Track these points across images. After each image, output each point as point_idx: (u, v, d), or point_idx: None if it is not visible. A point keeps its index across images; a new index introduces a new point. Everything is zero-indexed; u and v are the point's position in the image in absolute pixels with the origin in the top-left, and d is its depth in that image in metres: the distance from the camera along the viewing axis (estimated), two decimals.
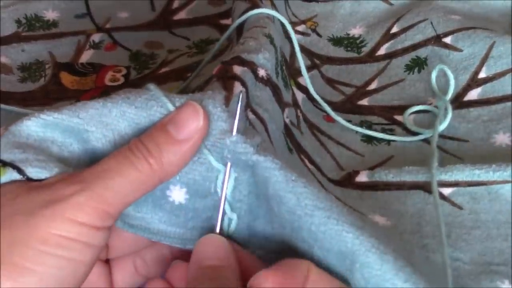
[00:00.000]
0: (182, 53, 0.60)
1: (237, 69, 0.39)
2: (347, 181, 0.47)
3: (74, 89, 0.57)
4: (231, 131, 0.34)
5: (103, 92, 0.56)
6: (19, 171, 0.32)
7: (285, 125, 0.46)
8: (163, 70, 0.59)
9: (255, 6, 0.48)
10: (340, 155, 0.50)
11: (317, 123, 0.53)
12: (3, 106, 0.53)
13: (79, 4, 0.66)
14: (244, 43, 0.42)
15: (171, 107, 0.34)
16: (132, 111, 0.34)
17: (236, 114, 0.35)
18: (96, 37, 0.63)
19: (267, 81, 0.41)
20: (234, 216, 0.35)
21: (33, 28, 0.63)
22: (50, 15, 0.64)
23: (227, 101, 0.35)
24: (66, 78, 0.58)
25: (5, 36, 0.62)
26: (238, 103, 0.35)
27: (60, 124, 0.34)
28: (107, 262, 0.38)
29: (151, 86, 0.35)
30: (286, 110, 0.46)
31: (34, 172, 0.32)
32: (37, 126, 0.34)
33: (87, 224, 0.30)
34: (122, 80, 0.58)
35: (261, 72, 0.40)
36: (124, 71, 0.59)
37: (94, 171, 0.31)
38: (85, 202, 0.30)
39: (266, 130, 0.39)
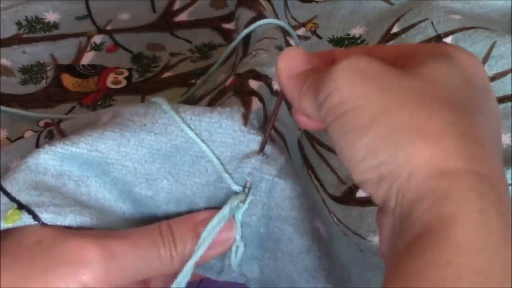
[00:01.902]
0: (185, 57, 0.60)
1: (254, 84, 0.39)
2: (347, 196, 0.46)
3: (76, 91, 0.57)
4: (256, 151, 0.35)
5: (105, 95, 0.56)
6: (34, 216, 0.32)
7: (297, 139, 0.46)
8: (166, 74, 0.58)
9: (260, 15, 0.48)
10: (340, 167, 0.49)
11: (318, 134, 0.53)
12: (4, 108, 0.53)
13: (79, 6, 0.66)
14: (256, 55, 0.41)
15: (191, 134, 0.34)
16: (152, 138, 0.34)
17: (264, 134, 0.35)
18: (97, 39, 0.63)
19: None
20: (242, 246, 0.35)
21: (34, 30, 0.63)
22: (51, 17, 0.64)
23: (245, 119, 0.35)
24: (68, 80, 0.58)
25: (5, 38, 0.62)
26: (269, 124, 0.36)
27: (79, 158, 0.34)
28: None
29: (163, 105, 0.35)
30: None
31: (48, 218, 0.32)
32: (54, 159, 0.34)
33: None
34: (124, 82, 0.58)
35: (276, 85, 0.40)
36: (126, 73, 0.59)
37: (121, 243, 0.32)
38: (103, 272, 0.31)
39: (286, 145, 0.39)
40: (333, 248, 0.36)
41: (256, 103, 0.37)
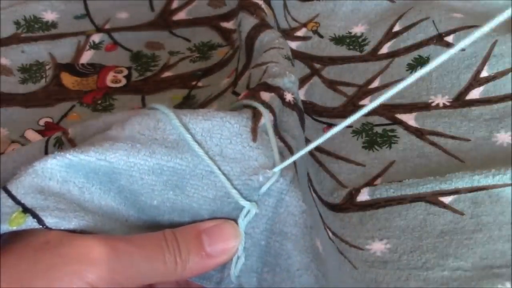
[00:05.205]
0: (184, 56, 0.60)
1: (265, 96, 0.38)
2: (348, 202, 0.46)
3: (75, 90, 0.57)
4: (265, 166, 0.34)
5: (105, 93, 0.56)
6: (39, 220, 0.32)
7: None
8: (166, 74, 0.58)
9: (263, 22, 0.48)
10: (340, 171, 0.49)
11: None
12: (4, 107, 0.53)
13: (77, 5, 0.66)
14: (267, 69, 0.41)
15: (201, 152, 0.34)
16: (163, 150, 0.34)
17: (274, 149, 0.35)
18: (96, 38, 0.62)
19: (294, 105, 0.40)
20: (242, 258, 0.35)
21: (32, 29, 0.63)
22: (49, 16, 0.64)
23: (254, 134, 0.36)
24: (67, 79, 0.58)
25: (4, 37, 0.61)
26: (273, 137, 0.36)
27: (86, 166, 0.34)
28: None
29: (173, 120, 0.35)
30: None
31: (53, 222, 0.32)
32: (61, 166, 0.34)
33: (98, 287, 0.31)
34: (123, 81, 0.58)
35: (288, 96, 0.40)
36: (125, 72, 0.59)
37: (127, 244, 0.32)
38: (108, 271, 0.31)
39: None
40: (328, 268, 0.36)
41: (266, 115, 0.37)
